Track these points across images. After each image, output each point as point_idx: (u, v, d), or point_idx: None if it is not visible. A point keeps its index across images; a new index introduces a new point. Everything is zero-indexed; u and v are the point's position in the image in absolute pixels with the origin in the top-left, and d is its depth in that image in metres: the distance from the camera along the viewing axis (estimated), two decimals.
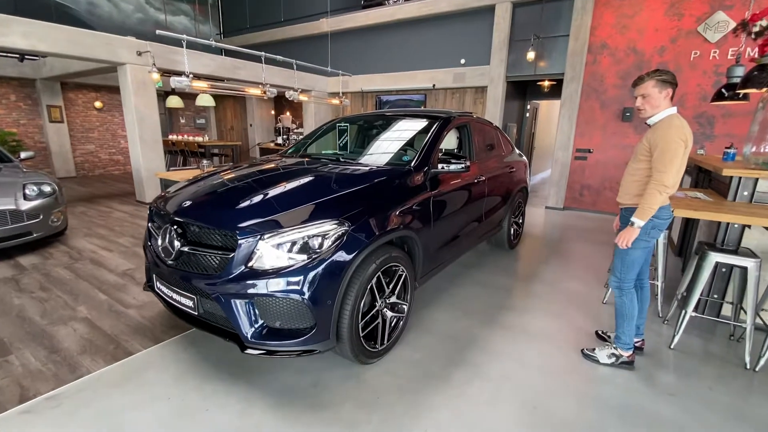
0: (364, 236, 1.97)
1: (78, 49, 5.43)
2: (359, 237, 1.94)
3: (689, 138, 1.97)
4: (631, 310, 2.25)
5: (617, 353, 2.30)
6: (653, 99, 2.03)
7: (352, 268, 1.91)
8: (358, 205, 2.05)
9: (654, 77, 2.02)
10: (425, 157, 2.67)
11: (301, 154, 3.26)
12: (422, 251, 2.53)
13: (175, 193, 2.37)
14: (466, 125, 3.43)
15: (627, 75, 6.08)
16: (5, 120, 8.41)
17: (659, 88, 2.01)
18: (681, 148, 1.94)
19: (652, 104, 2.04)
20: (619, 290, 2.26)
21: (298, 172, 2.56)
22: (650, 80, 2.03)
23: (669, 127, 1.97)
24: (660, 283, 2.92)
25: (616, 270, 2.25)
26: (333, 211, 1.95)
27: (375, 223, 2.06)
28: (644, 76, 2.06)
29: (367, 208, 2.07)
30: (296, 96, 5.85)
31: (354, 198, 2.11)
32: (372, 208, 2.09)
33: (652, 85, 2.02)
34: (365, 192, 2.20)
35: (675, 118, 2.00)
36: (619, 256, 2.21)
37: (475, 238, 3.46)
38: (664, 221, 2.13)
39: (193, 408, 1.88)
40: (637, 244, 2.13)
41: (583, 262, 4.10)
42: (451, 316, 2.86)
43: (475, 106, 7.70)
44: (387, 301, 2.29)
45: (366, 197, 2.15)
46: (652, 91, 2.02)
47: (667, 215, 2.14)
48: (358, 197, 2.13)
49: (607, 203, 6.59)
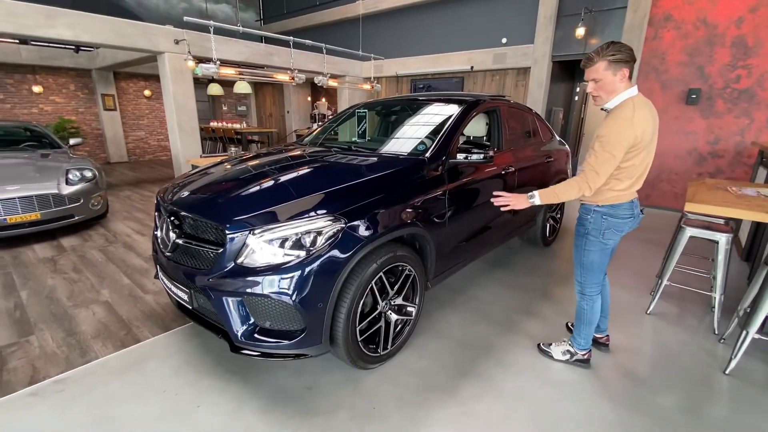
0: (363, 234, 1.80)
1: (119, 39, 5.63)
2: (357, 235, 1.78)
3: (642, 132, 1.67)
4: (590, 315, 2.07)
5: (572, 351, 2.18)
6: (607, 84, 1.72)
7: (347, 268, 1.75)
8: (358, 200, 1.88)
9: (605, 57, 1.68)
10: (442, 147, 2.43)
11: (317, 142, 3.13)
12: (435, 249, 2.32)
13: (179, 183, 2.33)
14: (495, 110, 3.12)
15: (695, 51, 5.32)
16: (66, 108, 9.08)
17: (613, 70, 1.68)
18: (618, 150, 1.67)
19: (606, 89, 1.73)
20: (581, 295, 2.07)
21: (304, 162, 2.43)
22: (601, 61, 1.69)
23: (615, 120, 1.68)
24: (718, 295, 2.50)
25: (576, 275, 2.06)
26: (329, 206, 1.80)
27: (377, 219, 1.88)
28: (593, 56, 1.72)
29: (369, 203, 1.89)
30: (325, 81, 5.72)
31: (355, 191, 1.94)
32: (375, 202, 1.91)
33: (603, 67, 1.69)
34: (369, 185, 2.02)
35: (626, 108, 1.69)
36: (577, 260, 2.02)
37: (501, 234, 3.18)
38: (623, 221, 1.86)
39: (185, 404, 1.85)
40: (591, 246, 1.93)
41: (629, 265, 3.67)
42: (468, 320, 2.64)
43: (516, 89, 7.18)
44: (391, 303, 2.12)
45: (369, 190, 1.97)
46: (604, 75, 1.70)
47: (627, 214, 1.86)
48: (360, 190, 1.95)
49: (663, 197, 5.92)
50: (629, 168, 1.76)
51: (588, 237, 1.93)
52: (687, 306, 2.87)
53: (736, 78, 5.10)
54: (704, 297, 2.92)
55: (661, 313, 2.76)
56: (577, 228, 2.00)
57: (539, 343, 2.33)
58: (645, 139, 1.70)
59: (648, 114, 1.70)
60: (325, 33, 9.57)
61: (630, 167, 1.76)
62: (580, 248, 1.98)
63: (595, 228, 1.89)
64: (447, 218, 2.37)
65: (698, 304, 2.90)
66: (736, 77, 5.10)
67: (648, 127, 1.70)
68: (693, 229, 2.50)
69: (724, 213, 2.05)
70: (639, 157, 1.74)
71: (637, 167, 1.77)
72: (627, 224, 1.88)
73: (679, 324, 2.63)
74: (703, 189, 2.61)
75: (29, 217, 3.87)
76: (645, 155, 1.75)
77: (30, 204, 3.89)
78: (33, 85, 8.59)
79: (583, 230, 1.95)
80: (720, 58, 5.17)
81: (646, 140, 1.71)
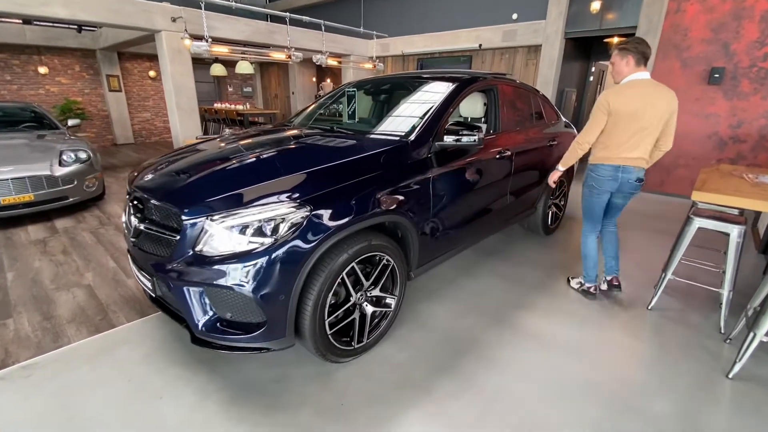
0: (330, 222, 1.67)
1: (116, 17, 5.51)
2: (323, 223, 1.65)
3: (622, 105, 2.18)
4: (584, 251, 2.65)
5: (581, 281, 2.76)
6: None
7: (312, 258, 1.64)
8: (327, 185, 1.74)
9: (617, 47, 2.24)
10: (428, 129, 2.26)
11: (304, 123, 2.98)
12: (419, 238, 2.18)
13: (149, 165, 2.22)
14: (492, 89, 2.91)
15: (720, 26, 4.92)
16: (71, 89, 9.08)
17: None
18: (599, 113, 2.26)
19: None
20: (583, 235, 2.66)
21: (278, 145, 2.30)
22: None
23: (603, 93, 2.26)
24: (726, 291, 2.31)
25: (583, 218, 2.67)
26: (294, 192, 1.67)
27: (348, 206, 1.74)
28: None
29: (340, 189, 1.75)
30: (324, 60, 5.52)
31: (325, 176, 1.80)
32: (346, 188, 1.78)
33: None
34: (341, 169, 1.87)
35: (613, 87, 2.26)
36: (583, 201, 2.62)
37: (495, 223, 3.01)
38: (603, 180, 2.41)
39: (148, 394, 1.79)
40: (585, 195, 2.56)
41: (634, 255, 3.47)
42: (455, 312, 2.51)
43: (526, 68, 6.84)
44: (368, 294, 2.01)
45: (341, 175, 1.83)
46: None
47: (608, 176, 2.38)
48: (331, 175, 1.82)
49: (678, 184, 5.61)
50: (610, 135, 2.30)
51: (584, 187, 2.56)
52: (692, 302, 2.68)
53: (764, 56, 4.71)
54: (712, 293, 2.73)
55: (663, 309, 2.59)
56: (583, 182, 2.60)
57: (568, 277, 2.92)
58: (624, 111, 2.18)
59: (637, 93, 2.17)
60: (332, 10, 9.25)
61: (611, 134, 2.30)
62: (582, 196, 2.61)
63: (587, 181, 2.51)
64: (432, 205, 2.22)
65: (705, 299, 2.71)
66: (764, 55, 4.70)
67: (632, 103, 2.17)
68: (702, 220, 2.30)
69: (732, 203, 1.85)
70: (618, 126, 2.25)
71: (618, 136, 2.27)
72: (607, 184, 2.40)
73: (682, 321, 2.46)
74: (715, 176, 2.38)
75: (22, 199, 3.86)
76: (625, 127, 2.23)
77: (23, 185, 3.87)
78: (39, 66, 8.59)
79: (584, 183, 2.57)
80: (748, 33, 4.76)
81: (625, 112, 2.19)
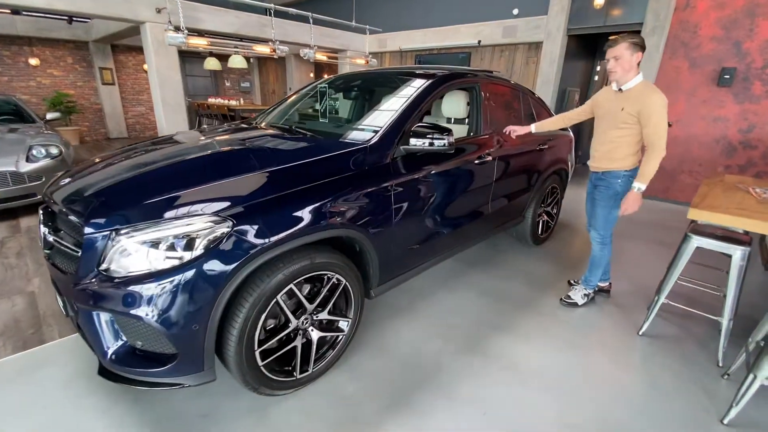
0: (258, 238, 1.44)
1: (96, 6, 5.31)
2: (249, 240, 1.42)
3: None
4: (607, 259, 2.55)
5: (587, 292, 2.62)
6: (625, 61, 2.09)
7: (234, 281, 1.41)
8: (259, 194, 1.51)
9: (627, 40, 2.07)
10: (392, 131, 2.02)
11: (265, 121, 2.75)
12: (378, 254, 1.95)
13: (76, 168, 2.01)
14: (474, 87, 2.65)
15: (733, 24, 4.59)
16: (63, 82, 8.94)
17: (631, 51, 2.07)
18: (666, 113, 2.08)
19: (624, 67, 2.10)
20: (602, 245, 2.50)
21: (222, 145, 2.07)
22: (623, 42, 2.08)
23: (653, 93, 2.05)
24: (726, 320, 2.05)
25: (599, 228, 2.46)
26: (217, 202, 1.44)
27: (282, 219, 1.51)
28: (618, 38, 2.10)
29: (275, 199, 1.52)
30: (311, 55, 5.28)
31: (258, 184, 1.57)
32: (283, 198, 1.54)
33: (625, 47, 2.07)
34: (280, 176, 1.64)
35: (651, 85, 2.11)
36: (604, 215, 2.41)
37: (475, 233, 2.76)
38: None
39: (60, 426, 1.58)
40: (618, 203, 2.31)
41: (630, 270, 3.20)
42: (423, 333, 2.27)
43: (527, 66, 6.54)
44: (314, 318, 1.78)
45: (278, 183, 1.60)
46: (624, 53, 2.08)
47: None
48: (266, 183, 1.58)
49: (683, 191, 5.30)
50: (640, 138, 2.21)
51: (618, 197, 2.32)
52: (689, 327, 2.42)
53: None
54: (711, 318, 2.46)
55: (656, 336, 2.33)
56: (603, 191, 2.39)
57: (561, 298, 2.65)
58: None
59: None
60: (334, 4, 8.98)
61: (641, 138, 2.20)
62: (609, 207, 2.37)
63: (624, 189, 2.28)
64: (395, 217, 1.98)
65: (703, 324, 2.44)
66: None
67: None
68: (701, 239, 2.03)
69: (734, 223, 1.59)
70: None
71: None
72: None
73: (676, 350, 2.20)
74: (717, 189, 2.11)
75: None
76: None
77: None
78: (30, 58, 8.45)
79: (612, 192, 2.34)
80: (762, 32, 4.44)
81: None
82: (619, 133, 2.21)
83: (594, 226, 2.49)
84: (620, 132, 2.20)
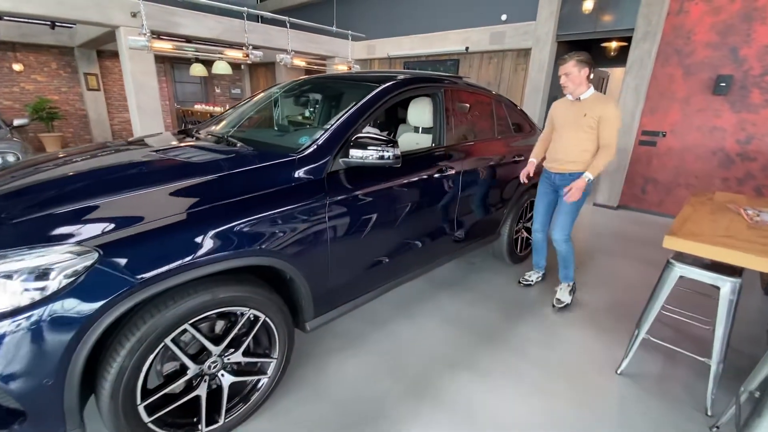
0: (133, 272, 1.18)
1: (66, 10, 5.13)
2: (120, 274, 1.16)
3: None
4: (573, 252, 2.62)
5: (569, 285, 2.70)
6: (574, 77, 2.29)
7: (99, 324, 1.15)
8: (139, 218, 1.26)
9: (574, 57, 2.26)
10: (329, 142, 1.77)
11: (206, 130, 2.51)
12: (312, 283, 1.69)
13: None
14: (437, 94, 2.41)
15: (728, 29, 4.36)
16: (47, 88, 8.79)
17: (579, 68, 2.26)
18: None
19: (574, 82, 2.30)
20: (567, 242, 2.57)
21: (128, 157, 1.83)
22: (571, 60, 2.27)
23: (610, 102, 2.29)
24: (715, 363, 1.77)
25: (565, 228, 2.52)
26: (83, 227, 1.19)
27: (169, 248, 1.26)
28: (566, 57, 2.30)
29: (163, 223, 1.27)
30: (288, 60, 5.08)
31: (142, 205, 1.32)
32: (175, 222, 1.29)
33: (572, 64, 2.27)
34: (175, 195, 1.39)
35: (603, 95, 2.36)
36: (571, 213, 2.49)
37: (440, 253, 2.50)
38: None
39: None
40: (580, 201, 2.43)
41: (617, 293, 2.92)
42: (371, 371, 2.00)
43: (515, 74, 6.32)
44: (225, 361, 1.51)
45: (170, 204, 1.35)
46: (572, 70, 2.28)
47: None
48: (154, 204, 1.33)
49: (679, 204, 5.02)
50: None
51: (585, 195, 2.41)
52: (674, 363, 2.14)
53: None
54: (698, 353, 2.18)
55: (636, 375, 2.04)
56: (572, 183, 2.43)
57: (553, 304, 2.65)
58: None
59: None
60: (324, 11, 8.83)
61: None
62: (578, 205, 2.46)
63: (590, 188, 2.41)
64: (332, 241, 1.73)
65: (690, 363, 2.16)
66: None
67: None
68: (685, 267, 1.76)
69: (715, 255, 1.33)
70: None
71: None
72: None
73: (658, 393, 1.92)
74: (703, 210, 1.85)
75: None
76: None
77: None
78: (13, 63, 8.31)
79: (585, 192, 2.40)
80: (759, 37, 4.20)
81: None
82: (585, 136, 2.36)
83: (557, 227, 2.54)
84: (585, 135, 2.36)
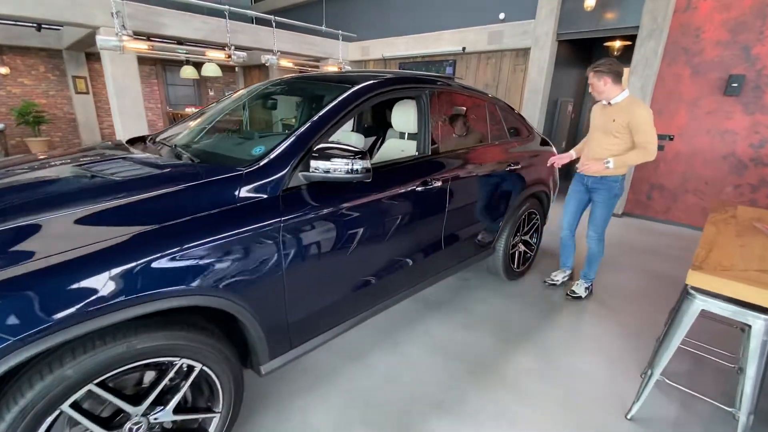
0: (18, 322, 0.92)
1: (45, 10, 4.90)
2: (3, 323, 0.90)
3: None
4: (603, 253, 2.72)
5: (587, 286, 2.80)
6: (596, 86, 2.39)
7: None
8: (24, 254, 0.99)
9: (592, 69, 2.37)
10: (286, 154, 1.50)
11: (162, 138, 2.25)
12: (263, 322, 1.43)
13: None
14: (420, 97, 2.15)
15: (740, 26, 4.09)
16: (35, 91, 8.57)
17: (597, 78, 2.36)
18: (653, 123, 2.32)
19: (598, 90, 2.40)
20: (599, 241, 2.65)
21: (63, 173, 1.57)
22: (590, 72, 2.39)
23: (639, 107, 2.31)
24: (744, 414, 1.49)
25: (599, 226, 2.62)
26: None
27: (64, 291, 0.99)
28: (589, 68, 2.39)
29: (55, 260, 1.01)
30: (273, 61, 4.83)
31: (28, 237, 1.06)
32: (74, 258, 1.03)
33: (591, 75, 2.38)
34: (78, 222, 1.13)
35: (637, 99, 2.39)
36: (604, 215, 2.59)
37: (427, 273, 2.23)
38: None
39: None
40: (612, 203, 2.57)
41: (623, 313, 2.64)
42: (341, 416, 1.73)
43: (514, 74, 6.06)
44: (151, 421, 1.25)
45: (71, 234, 1.08)
46: (593, 81, 2.39)
47: None
48: (46, 235, 1.07)
49: (687, 212, 4.74)
50: None
51: (617, 198, 2.54)
52: (695, 410, 1.85)
53: None
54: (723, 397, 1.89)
55: (648, 420, 1.76)
56: (603, 194, 2.56)
57: (566, 293, 2.80)
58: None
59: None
60: (321, 12, 8.59)
61: None
62: (610, 206, 2.57)
63: (621, 190, 2.53)
64: (288, 271, 1.46)
65: (713, 409, 1.87)
66: None
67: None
68: (708, 300, 1.49)
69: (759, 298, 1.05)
70: None
71: None
72: None
73: None
74: (728, 233, 1.57)
75: None
76: None
77: None
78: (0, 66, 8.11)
79: (613, 194, 2.54)
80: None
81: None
82: (614, 140, 2.41)
83: (591, 224, 2.66)
84: (614, 140, 2.41)
